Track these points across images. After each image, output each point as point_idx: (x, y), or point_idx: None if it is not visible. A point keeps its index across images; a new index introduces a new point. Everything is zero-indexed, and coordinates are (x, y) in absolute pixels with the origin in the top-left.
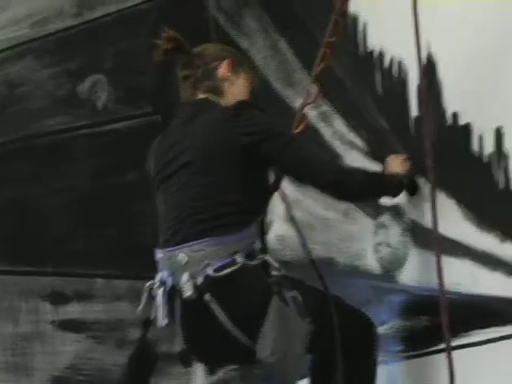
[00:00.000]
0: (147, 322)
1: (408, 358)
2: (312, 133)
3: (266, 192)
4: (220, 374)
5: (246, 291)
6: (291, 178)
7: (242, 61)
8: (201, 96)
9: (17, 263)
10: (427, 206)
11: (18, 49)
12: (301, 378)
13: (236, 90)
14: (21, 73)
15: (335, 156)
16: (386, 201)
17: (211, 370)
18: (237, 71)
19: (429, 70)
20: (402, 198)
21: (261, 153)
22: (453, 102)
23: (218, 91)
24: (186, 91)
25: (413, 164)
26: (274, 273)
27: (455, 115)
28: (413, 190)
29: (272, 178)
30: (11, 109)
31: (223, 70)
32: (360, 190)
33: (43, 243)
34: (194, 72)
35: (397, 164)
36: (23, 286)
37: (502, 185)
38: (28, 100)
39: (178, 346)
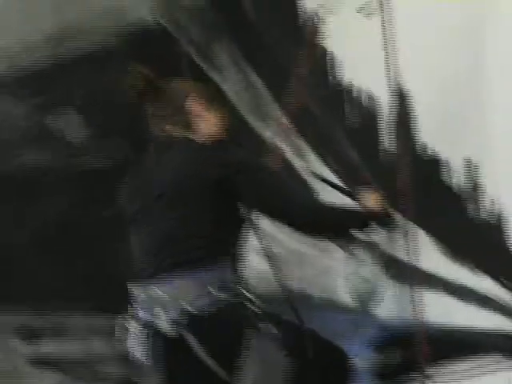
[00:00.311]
0: (128, 358)
1: None
2: (285, 167)
3: (240, 225)
4: None
5: (222, 325)
6: (263, 214)
7: (213, 96)
8: (171, 131)
9: None
10: (401, 239)
11: None
12: None
13: (208, 125)
14: None
15: (309, 190)
16: (359, 235)
17: None
18: (207, 106)
19: (399, 101)
20: (376, 232)
21: (233, 186)
22: (424, 133)
23: (189, 127)
24: (158, 127)
25: (386, 198)
26: (250, 306)
27: (426, 147)
28: (387, 225)
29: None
30: None
31: (194, 105)
32: (333, 228)
33: (16, 279)
34: (164, 107)
35: (371, 199)
36: None
37: (474, 217)
38: (0, 136)
39: (152, 382)
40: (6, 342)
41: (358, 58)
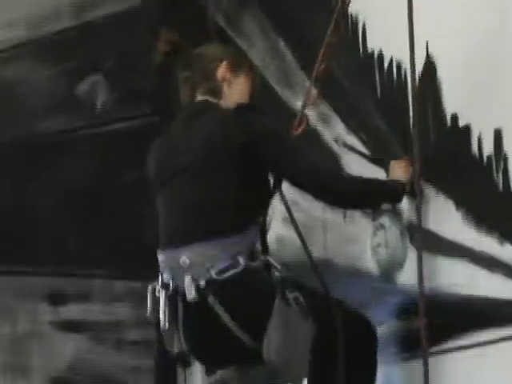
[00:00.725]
0: (151, 323)
1: (405, 359)
2: (311, 134)
3: (267, 193)
4: (219, 374)
5: (248, 293)
6: (287, 182)
7: (241, 61)
8: (200, 98)
9: (14, 264)
10: (426, 208)
11: (15, 50)
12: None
13: (235, 90)
14: (19, 74)
15: (334, 158)
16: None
17: (210, 371)
18: (236, 72)
19: (428, 70)
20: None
21: (259, 153)
22: (452, 103)
23: (216, 93)
24: (186, 93)
25: (414, 168)
26: (276, 274)
27: (455, 116)
28: (415, 195)
29: (272, 178)
30: (9, 110)
31: (222, 71)
32: (360, 199)
33: (41, 244)
34: (193, 73)
35: (400, 170)
36: (21, 286)
37: (501, 186)
38: (26, 101)
39: (176, 346)
40: (32, 305)
41: (387, 26)
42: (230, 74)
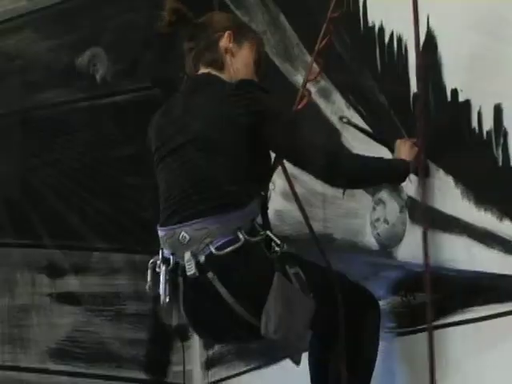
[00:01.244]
0: (157, 298)
1: (404, 334)
2: (311, 109)
3: (268, 168)
4: (217, 348)
5: (248, 268)
6: (288, 161)
7: (245, 31)
8: (203, 69)
9: (13, 235)
10: (426, 184)
11: (16, 21)
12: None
13: (238, 62)
14: (19, 45)
15: (334, 135)
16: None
17: (209, 345)
18: (239, 42)
19: (428, 45)
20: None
21: (260, 133)
22: (453, 77)
23: (219, 64)
24: (189, 65)
25: (419, 146)
26: (276, 249)
27: (455, 91)
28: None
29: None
30: (9, 81)
31: (225, 41)
32: (361, 179)
33: (40, 215)
34: (197, 44)
35: (405, 149)
36: (19, 258)
37: (500, 162)
38: (26, 73)
39: (175, 320)
40: (30, 278)
41: (388, 1)
42: (233, 44)
